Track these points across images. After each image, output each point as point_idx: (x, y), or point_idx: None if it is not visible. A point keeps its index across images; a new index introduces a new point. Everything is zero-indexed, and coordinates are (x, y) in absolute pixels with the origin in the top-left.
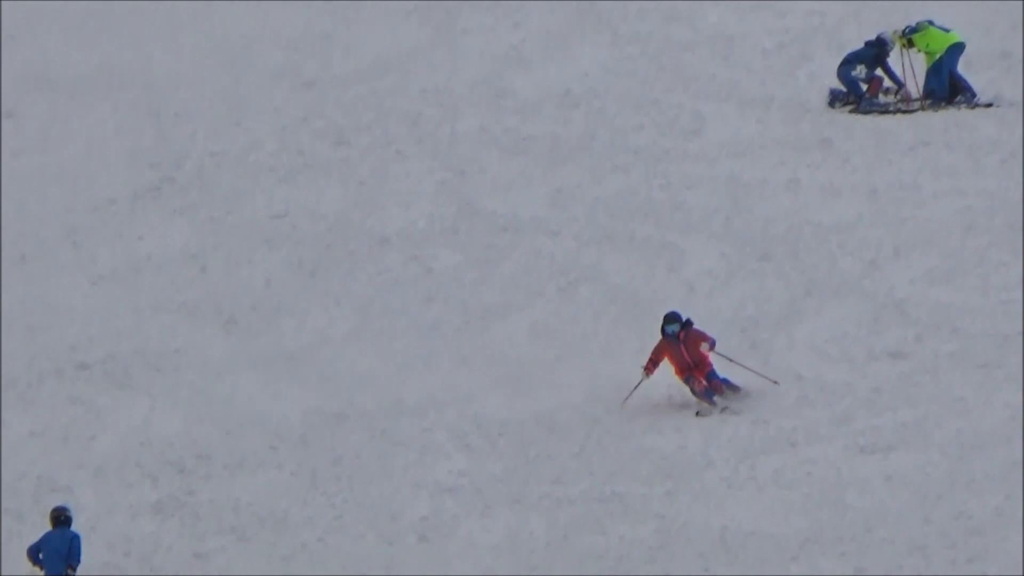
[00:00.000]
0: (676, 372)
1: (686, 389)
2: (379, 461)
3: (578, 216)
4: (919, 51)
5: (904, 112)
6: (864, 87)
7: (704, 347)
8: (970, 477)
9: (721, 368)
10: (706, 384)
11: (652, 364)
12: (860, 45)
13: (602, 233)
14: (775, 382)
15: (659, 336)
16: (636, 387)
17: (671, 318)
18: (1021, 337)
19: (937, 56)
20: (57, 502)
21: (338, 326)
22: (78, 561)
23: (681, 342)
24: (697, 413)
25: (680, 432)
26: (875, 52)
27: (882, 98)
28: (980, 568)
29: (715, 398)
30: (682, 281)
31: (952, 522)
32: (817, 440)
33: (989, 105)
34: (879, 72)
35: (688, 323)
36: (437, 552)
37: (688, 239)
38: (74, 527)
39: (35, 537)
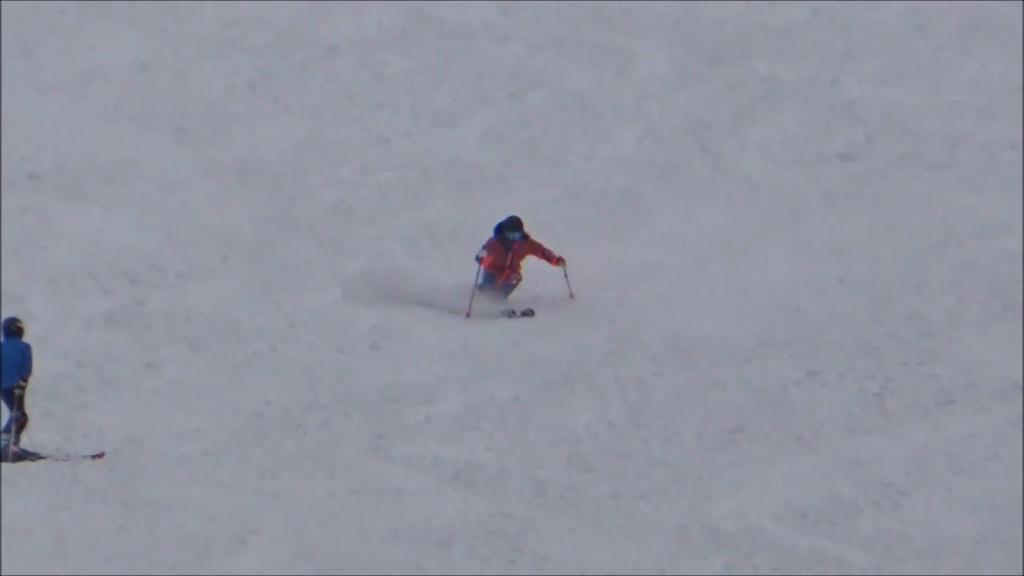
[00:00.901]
0: (487, 264)
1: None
2: (330, 269)
3: (529, 21)
4: None
5: None
6: None
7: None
8: (921, 279)
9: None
10: (498, 285)
11: (484, 259)
12: None
13: (552, 38)
14: (572, 295)
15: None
16: (476, 283)
17: (514, 224)
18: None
19: None
20: (9, 313)
21: (289, 134)
22: (29, 372)
23: (514, 249)
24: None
25: (633, 236)
26: None
27: None
28: (932, 369)
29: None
30: (632, 85)
31: (904, 324)
32: (769, 243)
33: None
34: None
35: (525, 234)
36: (389, 359)
37: (638, 43)
38: (26, 338)
39: None
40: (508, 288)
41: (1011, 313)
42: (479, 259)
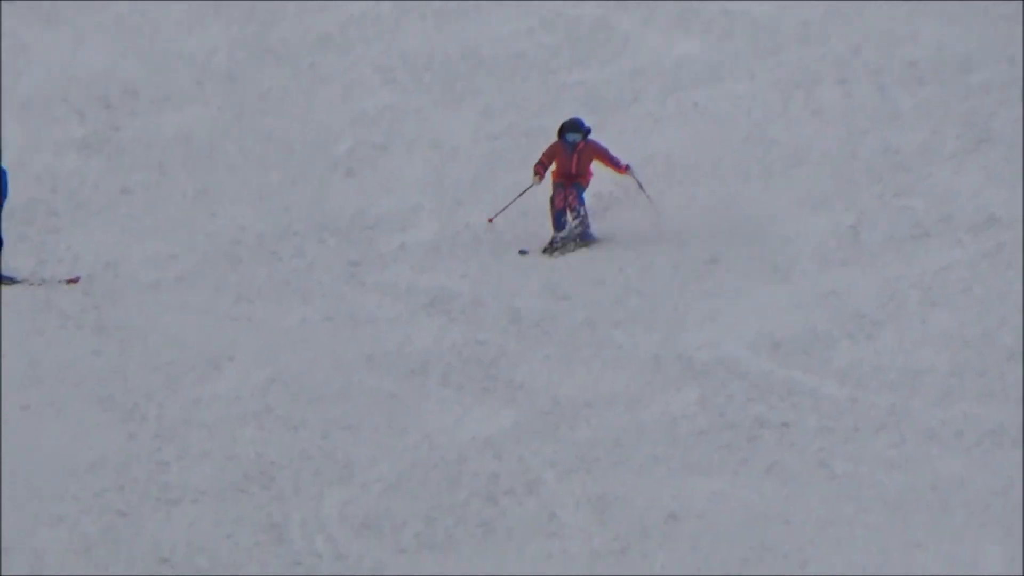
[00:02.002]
0: (555, 173)
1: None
2: (305, 96)
3: None
4: None
5: None
6: None
7: (598, 165)
8: (896, 110)
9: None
10: (565, 200)
11: (542, 167)
12: None
13: None
14: (659, 214)
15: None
16: (524, 191)
17: (573, 125)
18: None
19: None
20: None
21: None
22: (5, 197)
23: (577, 152)
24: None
25: (608, 66)
26: None
27: None
28: (906, 202)
29: (560, 233)
30: None
31: (879, 157)
32: (744, 74)
33: None
34: None
35: (588, 132)
36: (364, 186)
37: None
38: (1, 164)
39: None
40: (578, 199)
41: (985, 146)
42: (536, 168)
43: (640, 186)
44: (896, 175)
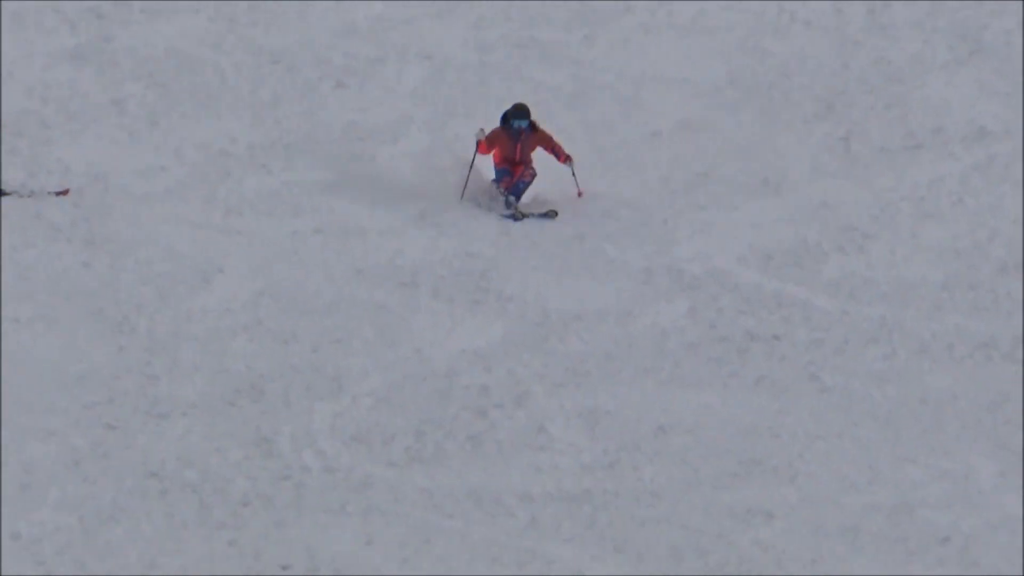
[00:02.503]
0: (496, 159)
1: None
2: (297, 6)
3: None
4: None
5: None
6: None
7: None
8: (888, 22)
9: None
10: (511, 184)
11: (485, 145)
12: None
13: None
14: (580, 193)
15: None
16: (472, 165)
17: (520, 111)
18: None
19: None
20: None
21: None
22: None
23: (521, 140)
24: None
25: None
26: None
27: None
28: (898, 114)
29: (512, 199)
30: None
31: (870, 68)
32: None
33: None
34: None
35: (532, 122)
36: (354, 97)
37: None
38: None
39: None
40: (522, 187)
41: (977, 57)
42: (479, 142)
43: (573, 174)
44: (888, 86)
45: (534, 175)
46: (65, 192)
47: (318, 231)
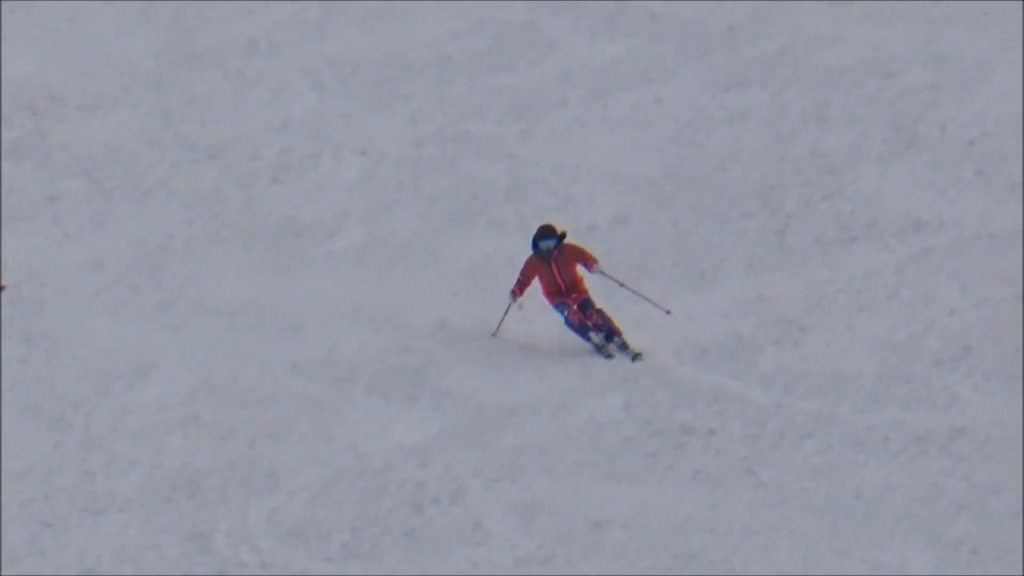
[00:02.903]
0: (544, 294)
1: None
2: (233, 101)
3: None
4: None
5: None
6: None
7: (580, 269)
8: (823, 113)
9: (603, 295)
10: (580, 315)
11: (520, 287)
12: None
13: None
14: (667, 311)
15: (528, 251)
16: (505, 314)
17: (546, 231)
18: None
19: None
20: None
21: None
22: None
23: (554, 260)
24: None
25: (535, 69)
26: None
27: None
28: (834, 206)
29: (592, 336)
30: None
31: (806, 159)
32: (671, 77)
33: None
34: None
35: (563, 236)
36: (290, 192)
37: None
38: None
39: None
40: (603, 323)
41: (912, 150)
42: (512, 291)
43: (616, 281)
44: (823, 178)
45: (588, 298)
46: (1, 288)
47: (253, 326)
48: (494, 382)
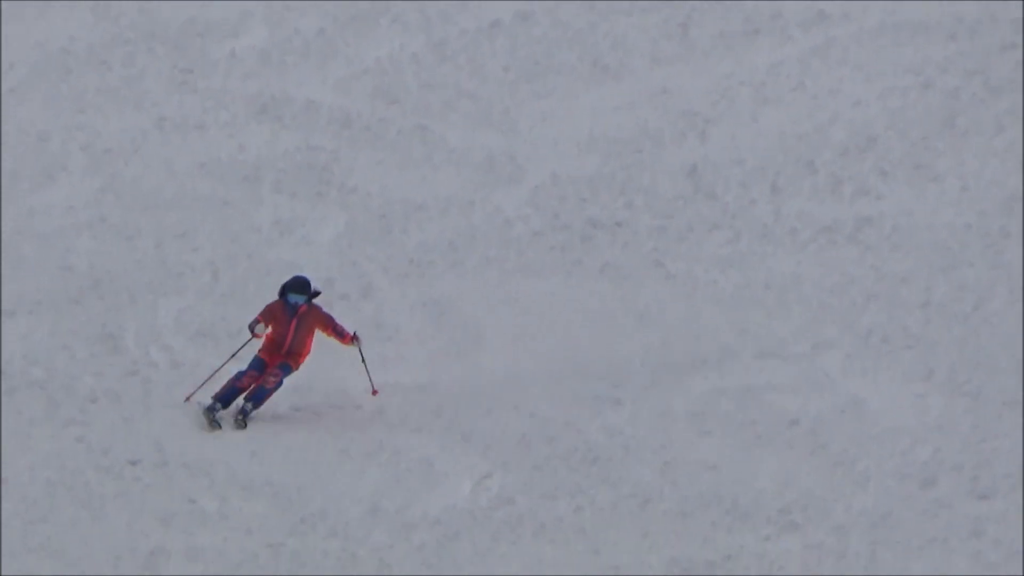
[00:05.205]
0: (265, 341)
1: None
2: None
3: None
4: None
5: None
6: None
7: (324, 336)
8: None
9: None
10: (255, 378)
11: (259, 324)
12: None
13: None
14: (375, 392)
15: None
16: (236, 352)
17: (298, 285)
18: None
19: None
20: None
21: None
22: None
23: (298, 316)
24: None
25: None
26: None
27: None
28: None
29: (217, 405)
30: None
31: None
32: None
33: None
34: None
35: (315, 295)
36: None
37: None
38: None
39: None
40: (263, 395)
41: None
42: (253, 330)
43: (363, 359)
44: None
45: (278, 385)
46: None
47: (159, 127)
48: (401, 179)
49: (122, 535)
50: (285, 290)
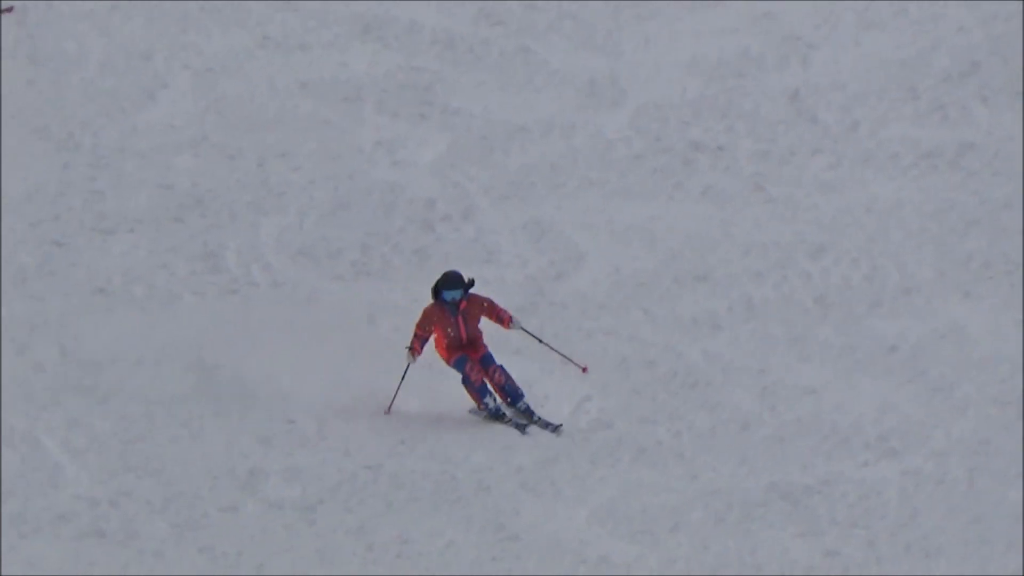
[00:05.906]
0: (439, 347)
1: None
2: None
3: None
4: None
5: None
6: None
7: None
8: None
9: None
10: (483, 373)
11: (419, 341)
12: None
13: None
14: (583, 368)
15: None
16: (404, 377)
17: (452, 280)
18: None
19: None
20: None
21: None
22: None
23: (461, 313)
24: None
25: None
26: None
27: None
28: None
29: (489, 401)
30: None
31: None
32: None
33: None
34: None
35: (470, 284)
36: None
37: None
38: None
39: None
40: (510, 387)
41: None
42: (411, 348)
43: (535, 337)
44: None
45: (505, 370)
46: (8, 10)
47: (261, 45)
48: (503, 100)
49: (220, 455)
50: (439, 289)
